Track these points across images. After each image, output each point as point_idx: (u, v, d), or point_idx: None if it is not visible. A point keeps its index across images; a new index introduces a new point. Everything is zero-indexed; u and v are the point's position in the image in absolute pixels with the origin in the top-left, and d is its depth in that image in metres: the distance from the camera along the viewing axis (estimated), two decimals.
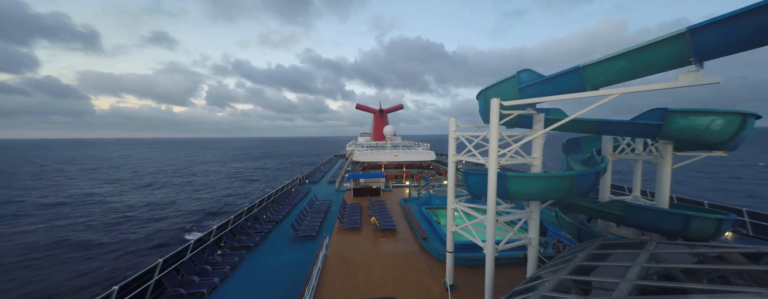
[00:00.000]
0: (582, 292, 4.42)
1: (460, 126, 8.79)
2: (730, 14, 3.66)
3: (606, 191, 9.14)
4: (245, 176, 64.71)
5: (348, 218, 16.67)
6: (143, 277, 9.02)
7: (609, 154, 8.96)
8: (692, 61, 4.16)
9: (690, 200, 16.85)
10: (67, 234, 25.16)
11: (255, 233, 14.69)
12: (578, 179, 6.24)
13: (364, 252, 12.41)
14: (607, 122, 7.39)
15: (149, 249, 21.78)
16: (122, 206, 34.87)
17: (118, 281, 8.39)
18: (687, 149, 7.65)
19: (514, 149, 7.17)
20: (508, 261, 11.01)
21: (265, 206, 19.28)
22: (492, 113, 6.83)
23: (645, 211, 6.97)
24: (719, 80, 3.99)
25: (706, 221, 5.98)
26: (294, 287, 9.67)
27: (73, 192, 43.49)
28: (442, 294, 9.07)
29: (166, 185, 50.67)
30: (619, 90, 5.06)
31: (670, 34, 4.16)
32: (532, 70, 6.46)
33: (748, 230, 13.84)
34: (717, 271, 4.38)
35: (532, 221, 7.70)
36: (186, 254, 11.08)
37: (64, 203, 36.36)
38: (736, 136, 5.84)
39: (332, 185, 29.37)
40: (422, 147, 38.01)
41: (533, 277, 5.90)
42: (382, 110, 49.87)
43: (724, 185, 45.18)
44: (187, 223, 28.21)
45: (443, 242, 12.59)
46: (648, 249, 5.29)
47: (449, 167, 8.99)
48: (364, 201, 21.82)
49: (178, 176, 63.74)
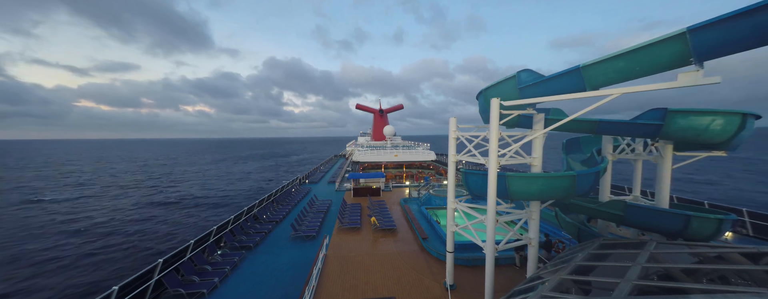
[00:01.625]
0: (582, 292, 4.42)
1: (460, 126, 8.79)
2: (730, 14, 3.66)
3: (606, 191, 9.13)
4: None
5: (348, 218, 16.66)
6: (143, 277, 9.01)
7: (609, 154, 8.95)
8: (692, 61, 4.16)
9: (690, 200, 16.85)
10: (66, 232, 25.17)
11: (255, 233, 14.68)
12: (578, 179, 6.23)
13: (364, 252, 12.41)
14: (607, 122, 7.39)
15: (148, 249, 21.77)
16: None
17: (118, 281, 8.39)
18: (687, 149, 7.65)
19: (514, 149, 7.16)
20: (508, 261, 11.01)
21: (265, 206, 19.28)
22: (492, 113, 6.82)
23: (645, 211, 6.96)
24: (719, 79, 3.99)
25: (706, 221, 5.97)
26: (294, 287, 9.66)
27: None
28: (442, 294, 9.07)
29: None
30: (619, 90, 5.06)
31: (670, 34, 4.15)
32: (532, 70, 6.46)
33: (748, 230, 13.84)
34: (717, 271, 4.37)
35: (532, 221, 7.69)
36: (186, 254, 11.07)
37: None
38: (736, 136, 5.83)
39: (332, 185, 29.37)
40: (422, 147, 38.01)
41: (533, 277, 5.90)
42: (381, 110, 49.90)
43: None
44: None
45: (443, 242, 12.58)
46: (648, 249, 5.29)
47: (449, 167, 8.99)
48: (364, 201, 21.81)
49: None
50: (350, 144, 63.68)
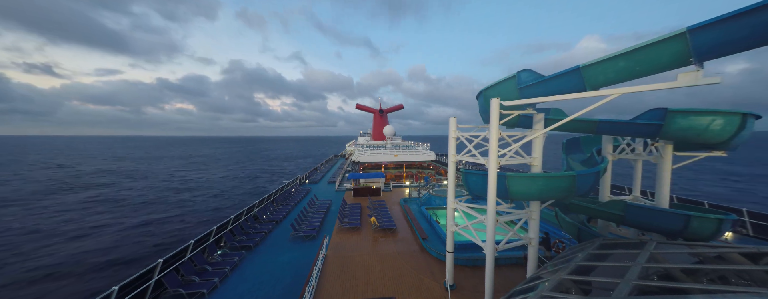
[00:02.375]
0: (582, 292, 4.42)
1: (460, 126, 8.79)
2: (730, 14, 3.66)
3: (606, 191, 9.13)
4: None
5: (348, 218, 16.66)
6: (143, 277, 9.01)
7: (609, 154, 8.95)
8: (692, 61, 4.16)
9: (690, 200, 16.85)
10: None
11: (255, 233, 14.68)
12: (578, 180, 6.23)
13: (364, 252, 12.41)
14: (607, 122, 7.39)
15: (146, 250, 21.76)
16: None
17: (118, 281, 8.39)
18: (687, 149, 7.65)
19: (514, 149, 7.16)
20: (508, 261, 11.01)
21: (265, 206, 19.28)
22: (492, 113, 6.82)
23: (645, 211, 6.96)
24: (719, 79, 3.99)
25: (706, 221, 5.97)
26: (294, 287, 9.66)
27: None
28: (442, 294, 9.07)
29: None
30: (619, 90, 5.06)
31: (670, 34, 4.15)
32: (532, 70, 6.46)
33: (748, 230, 13.84)
34: (717, 271, 4.37)
35: (532, 221, 7.69)
36: (186, 254, 11.07)
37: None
38: (736, 136, 5.83)
39: (332, 185, 29.37)
40: (422, 147, 38.01)
41: (533, 277, 5.90)
42: (382, 110, 49.90)
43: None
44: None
45: (443, 242, 12.58)
46: (648, 249, 5.29)
47: (449, 167, 8.99)
48: (364, 201, 21.82)
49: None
50: (350, 144, 63.70)
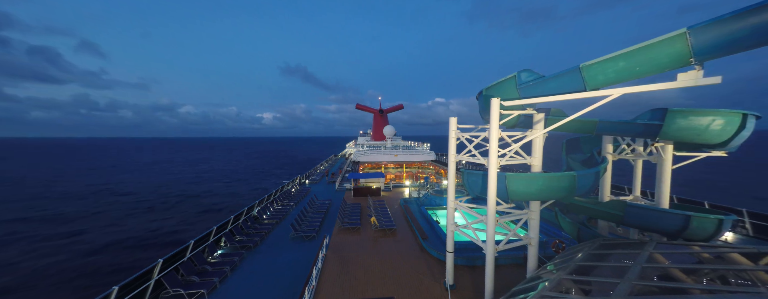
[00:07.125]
0: (582, 292, 4.42)
1: (460, 126, 8.79)
2: (730, 14, 3.66)
3: (606, 191, 9.13)
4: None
5: (348, 218, 16.66)
6: (143, 277, 9.00)
7: (609, 154, 8.95)
8: (692, 61, 4.16)
9: (690, 200, 16.84)
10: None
11: (255, 233, 14.67)
12: (578, 180, 6.23)
13: (364, 252, 12.40)
14: (607, 122, 7.39)
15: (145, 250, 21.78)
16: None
17: (118, 281, 8.39)
18: (687, 149, 7.65)
19: (514, 149, 7.16)
20: (508, 261, 11.00)
21: (265, 206, 19.28)
22: (492, 113, 6.82)
23: (645, 211, 6.97)
24: (719, 80, 3.99)
25: (706, 221, 5.97)
26: (294, 287, 9.66)
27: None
28: (442, 294, 9.07)
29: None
30: (619, 90, 5.06)
31: (670, 34, 4.15)
32: (532, 70, 6.46)
33: (748, 230, 13.84)
34: (717, 271, 4.37)
35: (532, 221, 7.69)
36: (186, 254, 11.07)
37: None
38: (736, 136, 5.83)
39: (332, 185, 29.36)
40: (422, 147, 38.01)
41: (533, 277, 5.90)
42: (382, 110, 49.89)
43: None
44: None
45: (443, 242, 12.58)
46: (648, 249, 5.29)
47: (449, 167, 8.99)
48: (364, 201, 21.81)
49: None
50: (350, 144, 63.68)
